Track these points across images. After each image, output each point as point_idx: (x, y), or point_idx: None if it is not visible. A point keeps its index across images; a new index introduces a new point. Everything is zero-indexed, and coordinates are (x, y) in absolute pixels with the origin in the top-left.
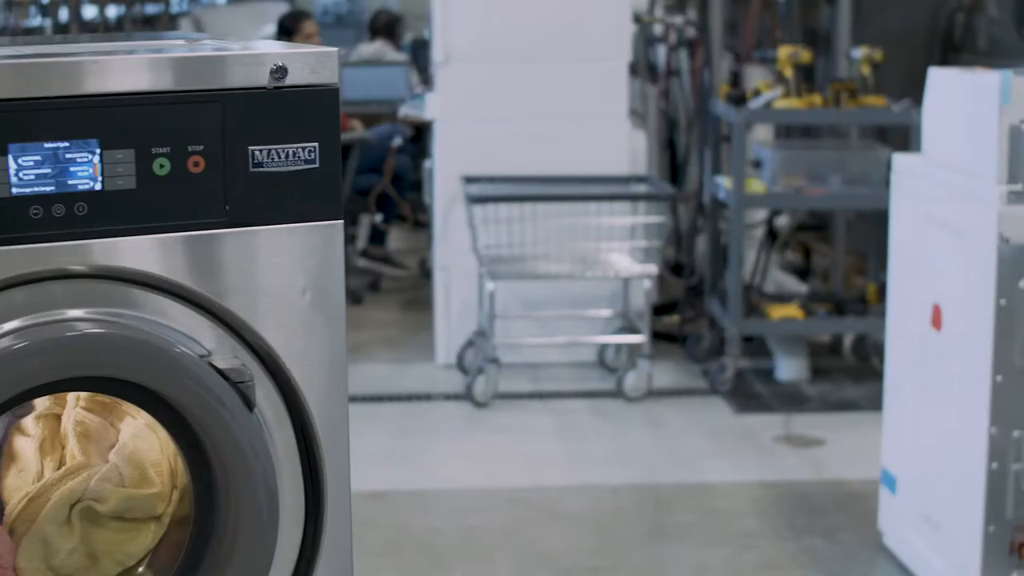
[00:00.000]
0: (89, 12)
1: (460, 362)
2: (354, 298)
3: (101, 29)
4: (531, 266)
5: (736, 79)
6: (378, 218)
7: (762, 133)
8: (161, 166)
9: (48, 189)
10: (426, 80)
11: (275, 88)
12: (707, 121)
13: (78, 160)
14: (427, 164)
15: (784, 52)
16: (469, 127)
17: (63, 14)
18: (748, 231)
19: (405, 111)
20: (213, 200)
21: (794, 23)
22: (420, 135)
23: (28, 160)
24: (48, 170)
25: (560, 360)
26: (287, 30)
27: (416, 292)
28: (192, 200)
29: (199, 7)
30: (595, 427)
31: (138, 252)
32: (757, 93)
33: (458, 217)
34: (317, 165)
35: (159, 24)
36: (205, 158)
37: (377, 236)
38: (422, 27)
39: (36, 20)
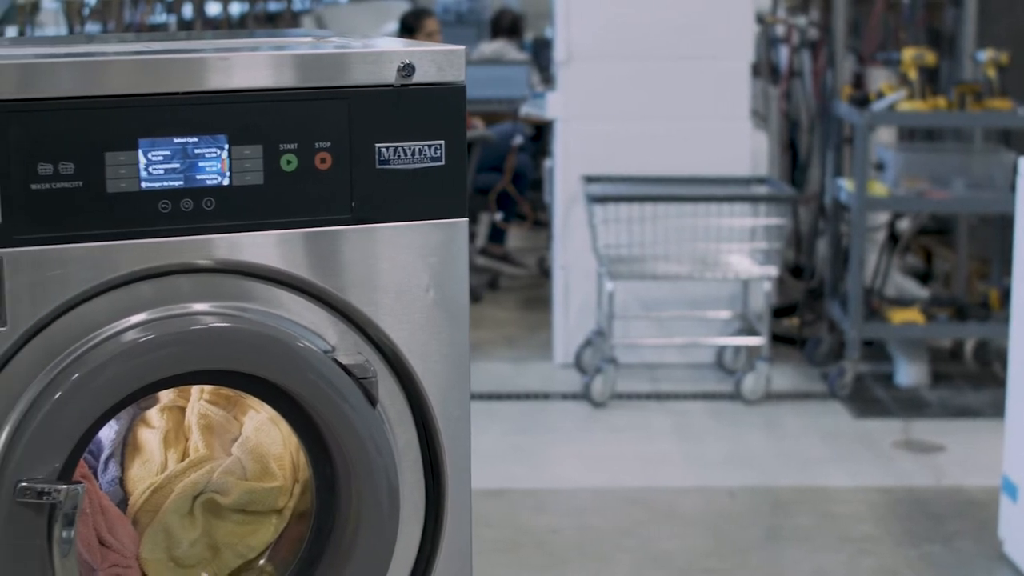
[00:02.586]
0: (213, 9)
1: (578, 362)
2: (473, 296)
3: (224, 26)
4: (650, 266)
5: (859, 81)
6: (498, 216)
7: (885, 135)
8: (288, 162)
9: (177, 184)
10: (547, 79)
11: (402, 86)
12: (829, 123)
13: (207, 155)
14: (548, 163)
15: (908, 54)
16: (590, 126)
17: (187, 10)
18: (869, 234)
19: (526, 110)
20: (339, 196)
21: (918, 24)
22: (541, 134)
23: (158, 155)
24: (177, 165)
25: (678, 361)
26: (409, 28)
27: (534, 291)
28: (318, 196)
29: (321, 5)
30: (712, 429)
31: (264, 247)
32: (880, 95)
33: (578, 216)
34: (443, 163)
35: (281, 21)
36: (332, 155)
37: (497, 234)
38: (542, 26)
39: (161, 17)
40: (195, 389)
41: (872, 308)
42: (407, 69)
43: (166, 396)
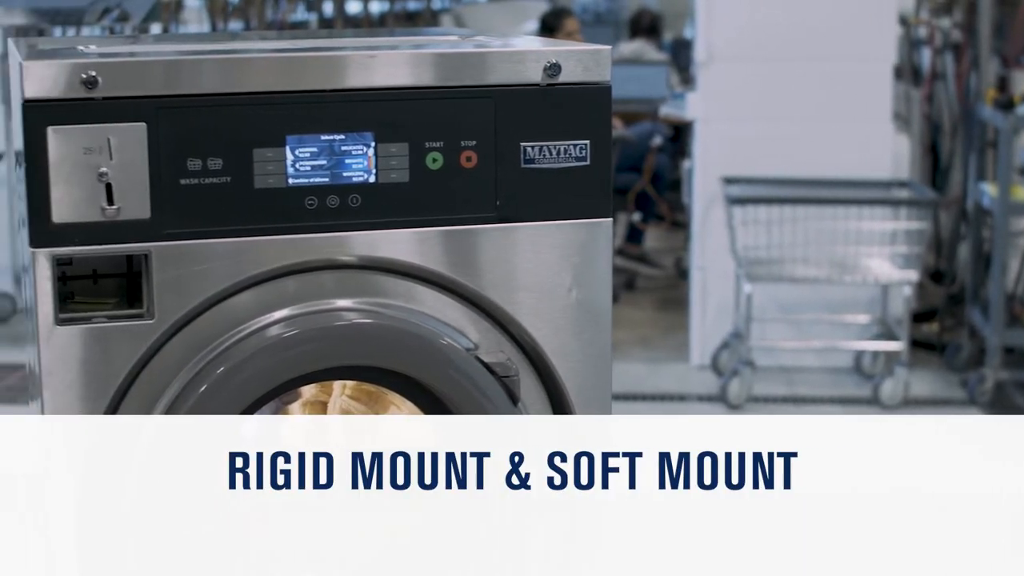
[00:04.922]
0: (353, 7)
1: (715, 363)
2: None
3: (365, 24)
4: (789, 269)
5: (1003, 84)
6: (636, 217)
7: None
8: (434, 160)
9: (323, 180)
10: (686, 79)
11: (548, 85)
12: (972, 126)
13: (353, 152)
14: (686, 164)
15: None
16: (730, 127)
17: (328, 8)
18: (1012, 239)
19: (666, 110)
20: (484, 195)
21: None
22: (679, 135)
23: (305, 151)
24: (324, 162)
25: (815, 365)
26: (549, 27)
27: (671, 292)
28: (463, 194)
29: (460, 4)
30: None
31: (407, 244)
32: None
33: (716, 218)
34: (588, 163)
35: (420, 20)
36: (477, 153)
37: (635, 235)
38: (681, 26)
39: (302, 15)
40: (337, 384)
41: (1014, 314)
42: (553, 69)
43: (308, 391)
